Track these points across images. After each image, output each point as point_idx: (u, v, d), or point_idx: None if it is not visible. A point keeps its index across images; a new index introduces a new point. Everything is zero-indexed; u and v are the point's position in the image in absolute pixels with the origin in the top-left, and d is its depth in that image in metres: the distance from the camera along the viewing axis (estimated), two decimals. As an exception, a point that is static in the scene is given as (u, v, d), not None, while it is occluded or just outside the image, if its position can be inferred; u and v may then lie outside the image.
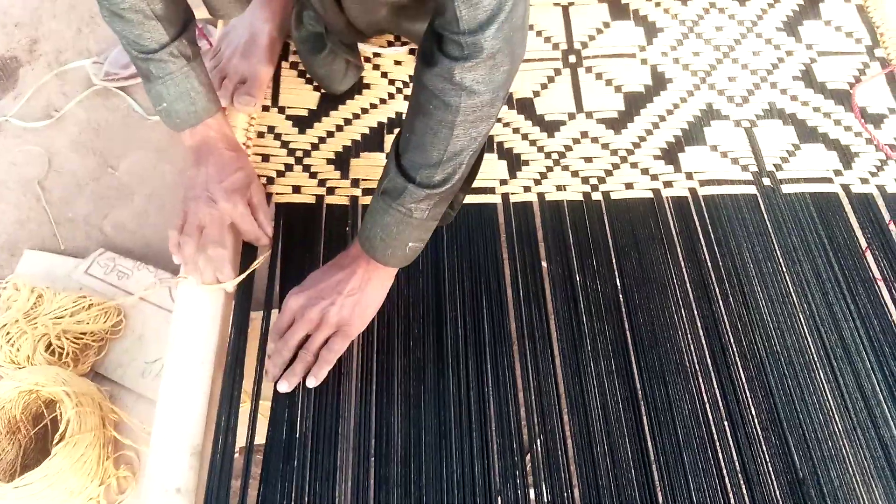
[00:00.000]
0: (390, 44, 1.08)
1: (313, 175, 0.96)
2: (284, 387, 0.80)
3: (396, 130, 0.81)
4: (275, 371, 0.80)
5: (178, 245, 0.84)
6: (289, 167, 0.97)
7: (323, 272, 0.83)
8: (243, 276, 0.86)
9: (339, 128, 1.01)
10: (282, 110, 1.02)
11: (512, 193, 0.97)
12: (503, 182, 0.98)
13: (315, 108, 1.02)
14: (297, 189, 0.95)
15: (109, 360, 1.23)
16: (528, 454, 0.79)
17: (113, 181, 1.48)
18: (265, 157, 0.97)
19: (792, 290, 0.90)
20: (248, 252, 0.90)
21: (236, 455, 0.79)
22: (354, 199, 0.95)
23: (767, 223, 0.95)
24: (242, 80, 1.01)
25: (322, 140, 0.99)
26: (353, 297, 0.80)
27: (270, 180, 0.96)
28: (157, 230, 1.42)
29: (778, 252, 0.92)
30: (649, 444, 0.80)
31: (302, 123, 1.01)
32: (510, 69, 0.71)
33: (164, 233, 1.41)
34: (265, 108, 1.02)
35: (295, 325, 0.80)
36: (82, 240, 1.41)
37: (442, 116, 0.70)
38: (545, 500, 0.77)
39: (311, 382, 0.80)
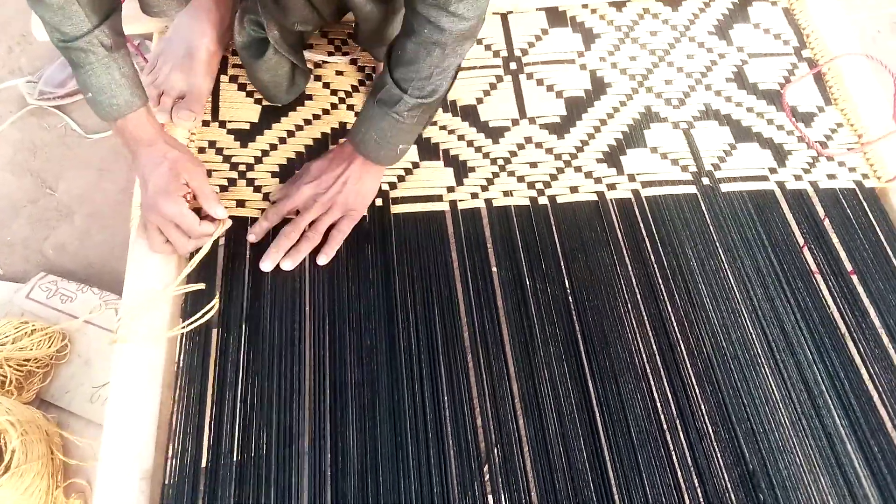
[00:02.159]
0: (330, 54, 1.08)
1: (258, 189, 0.95)
2: (289, 264, 0.88)
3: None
4: (277, 255, 0.88)
5: (150, 248, 0.89)
6: (232, 182, 0.95)
7: (320, 167, 0.92)
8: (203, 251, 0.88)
9: (283, 140, 1.00)
10: (223, 124, 1.00)
11: (460, 200, 0.97)
12: (450, 189, 0.98)
13: (256, 121, 1.01)
14: (241, 203, 0.94)
15: (56, 386, 1.20)
16: (486, 464, 0.80)
17: (52, 202, 1.44)
18: (208, 173, 0.96)
19: (734, 286, 0.92)
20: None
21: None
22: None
23: (708, 221, 0.97)
24: (181, 95, 1.00)
25: (265, 153, 0.98)
26: (356, 186, 0.92)
27: (214, 196, 0.94)
28: (101, 250, 1.39)
29: (719, 249, 0.95)
30: (603, 443, 0.81)
31: (244, 137, 0.99)
32: None
33: (108, 253, 1.38)
34: (205, 123, 1.00)
35: (305, 210, 0.90)
36: (21, 264, 1.37)
37: (436, 38, 0.81)
38: (503, 505, 0.77)
39: (323, 260, 0.90)
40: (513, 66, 1.11)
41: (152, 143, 0.87)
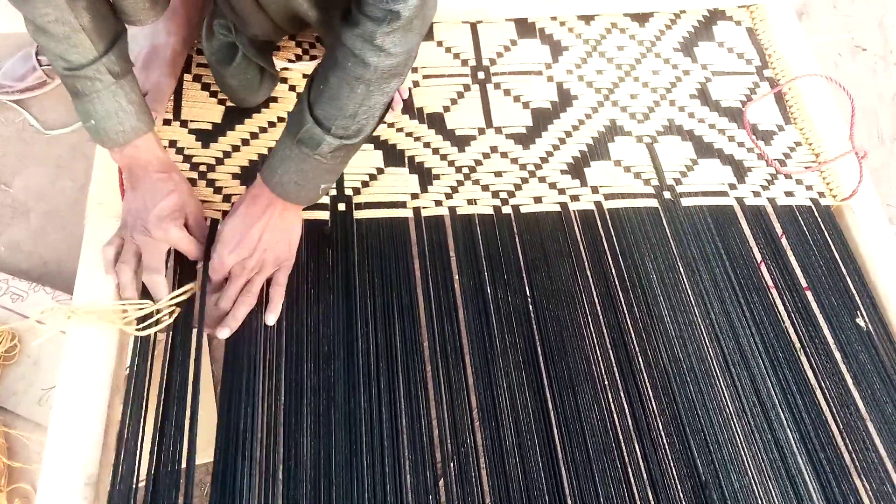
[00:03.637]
0: (298, 57, 1.07)
1: (218, 190, 0.94)
2: (226, 332, 0.83)
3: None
4: (215, 324, 0.84)
5: (112, 267, 0.85)
6: (192, 182, 0.94)
7: (240, 223, 0.84)
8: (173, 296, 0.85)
9: (246, 142, 0.98)
10: (184, 124, 0.99)
11: (423, 207, 0.97)
12: (414, 196, 0.98)
13: (219, 121, 1.00)
14: (200, 205, 0.92)
15: (3, 387, 1.17)
16: (441, 479, 0.79)
17: (7, 199, 1.40)
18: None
19: (692, 300, 0.93)
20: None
21: (141, 484, 0.75)
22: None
23: (668, 235, 0.98)
24: (143, 92, 0.98)
25: (227, 154, 0.97)
26: (281, 235, 0.86)
27: (173, 196, 0.92)
28: (56, 249, 1.35)
29: (679, 263, 0.96)
30: (559, 453, 0.81)
31: (206, 137, 0.98)
32: (422, 32, 0.77)
33: (63, 252, 1.35)
34: (166, 122, 0.99)
35: (234, 277, 0.84)
36: (-28, 261, 1.33)
37: (360, 73, 0.75)
38: (457, 515, 0.77)
39: (272, 319, 0.85)
40: (481, 75, 1.11)
41: (167, 171, 0.85)
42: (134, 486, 0.74)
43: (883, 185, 1.55)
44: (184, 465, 0.75)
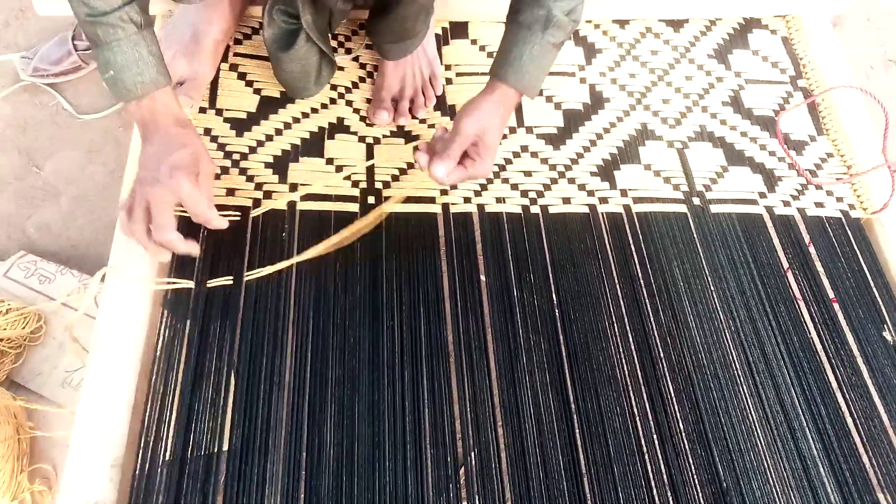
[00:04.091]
0: (333, 50, 1.08)
1: (250, 178, 0.95)
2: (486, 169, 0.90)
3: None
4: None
5: (127, 227, 0.83)
6: (225, 170, 0.95)
7: (498, 132, 0.90)
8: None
9: (279, 131, 0.99)
10: (219, 112, 1.00)
11: (452, 204, 0.97)
12: (443, 192, 0.98)
13: (254, 111, 1.01)
14: (231, 192, 0.93)
15: (28, 368, 1.18)
16: (462, 467, 0.79)
17: (38, 181, 1.42)
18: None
19: (718, 307, 0.93)
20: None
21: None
22: (292, 203, 0.93)
23: (696, 241, 0.98)
24: (181, 80, 0.99)
25: (260, 143, 0.98)
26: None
27: (206, 183, 0.93)
28: (84, 233, 1.37)
29: (706, 269, 0.96)
30: (581, 455, 0.81)
31: (240, 126, 0.99)
32: None
33: (91, 236, 1.36)
34: (202, 110, 1.00)
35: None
36: (2, 241, 1.35)
37: None
38: (477, 511, 0.77)
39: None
40: (512, 74, 1.11)
41: (184, 126, 0.84)
42: (159, 470, 0.75)
43: (912, 201, 1.53)
44: (211, 450, 0.76)
